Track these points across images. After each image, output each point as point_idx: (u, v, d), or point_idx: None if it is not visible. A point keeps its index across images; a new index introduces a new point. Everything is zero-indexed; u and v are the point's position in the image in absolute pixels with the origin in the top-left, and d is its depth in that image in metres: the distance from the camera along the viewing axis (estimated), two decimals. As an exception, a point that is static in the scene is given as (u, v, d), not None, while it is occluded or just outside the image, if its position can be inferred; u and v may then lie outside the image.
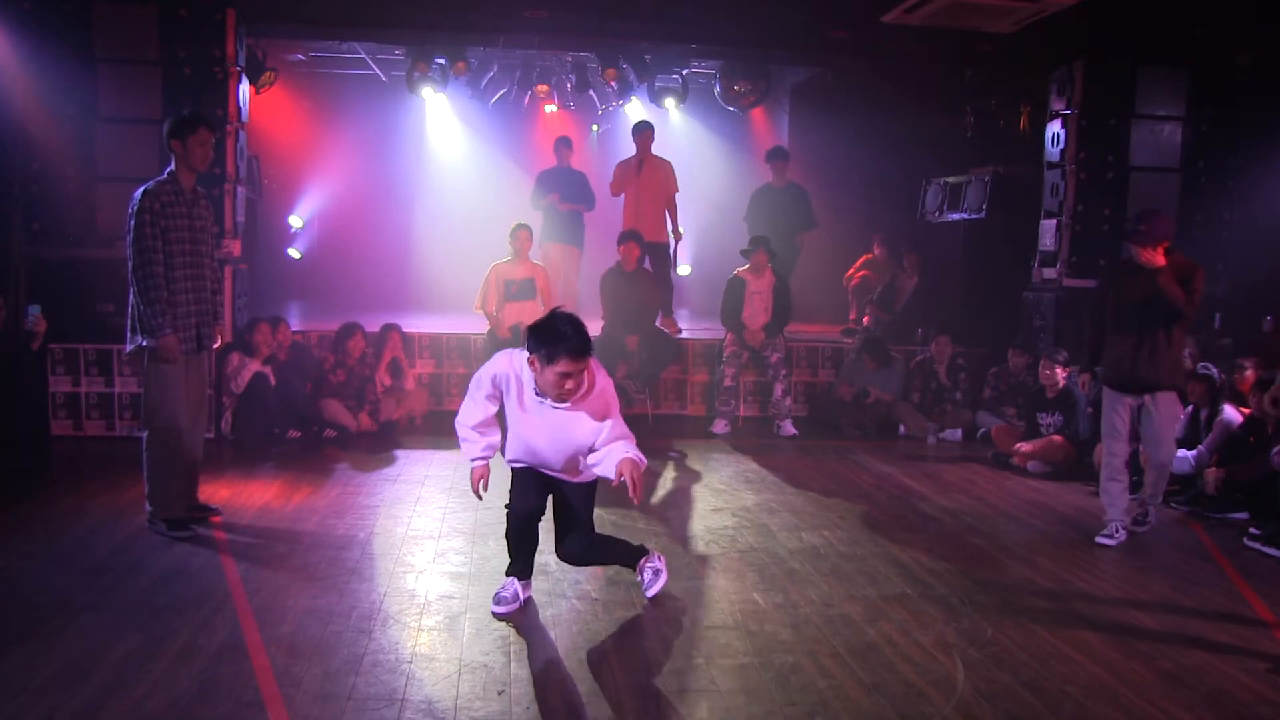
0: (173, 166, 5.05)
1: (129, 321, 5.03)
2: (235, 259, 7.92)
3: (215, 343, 5.38)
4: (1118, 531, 5.46)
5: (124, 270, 4.99)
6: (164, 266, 4.94)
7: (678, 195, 9.57)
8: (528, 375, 3.93)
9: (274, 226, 12.58)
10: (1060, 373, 7.23)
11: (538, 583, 4.50)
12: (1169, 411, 5.48)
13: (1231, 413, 6.34)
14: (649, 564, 4.39)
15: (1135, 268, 5.36)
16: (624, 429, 3.99)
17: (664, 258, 9.60)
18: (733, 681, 3.56)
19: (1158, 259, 5.26)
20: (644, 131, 9.51)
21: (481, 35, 9.53)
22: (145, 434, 5.12)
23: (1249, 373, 6.63)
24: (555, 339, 3.78)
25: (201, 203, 5.18)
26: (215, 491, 5.81)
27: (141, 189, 4.97)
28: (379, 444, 7.41)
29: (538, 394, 3.92)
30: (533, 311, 8.43)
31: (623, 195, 9.56)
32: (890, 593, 4.53)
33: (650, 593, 4.32)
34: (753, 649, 3.84)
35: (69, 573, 4.46)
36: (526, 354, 3.88)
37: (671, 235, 9.60)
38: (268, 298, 10.55)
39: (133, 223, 4.90)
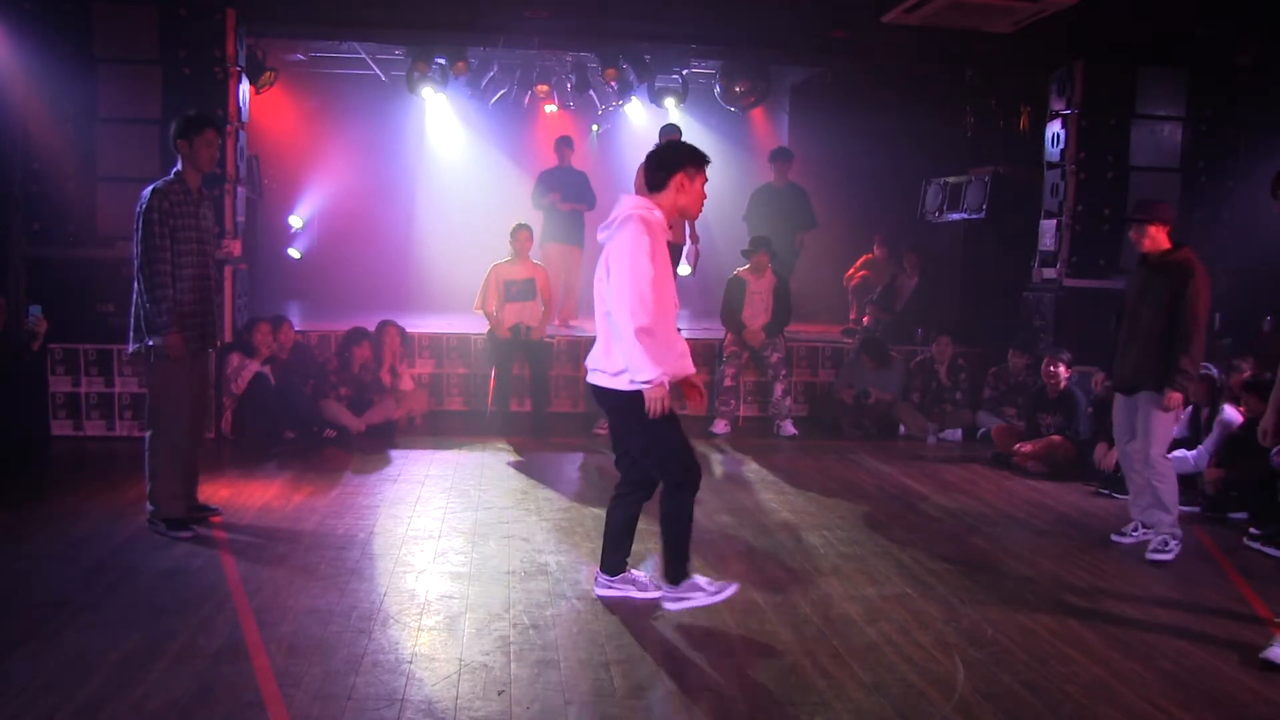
0: (179, 167, 5.06)
1: (132, 321, 5.02)
2: (235, 259, 7.91)
3: (218, 342, 5.38)
4: (1134, 532, 5.45)
5: (125, 270, 5.00)
6: (171, 265, 4.95)
7: None
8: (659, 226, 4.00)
9: (274, 226, 12.57)
10: (1064, 372, 7.23)
11: (537, 583, 4.50)
12: (1155, 417, 5.14)
13: (1231, 413, 6.34)
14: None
15: (1139, 261, 5.30)
16: None
17: (675, 259, 9.56)
18: (732, 681, 3.56)
19: (1160, 241, 5.14)
20: (676, 135, 9.45)
21: (481, 35, 9.53)
22: (149, 433, 5.11)
23: (1247, 373, 6.63)
24: (694, 150, 4.08)
25: (206, 203, 5.19)
26: (215, 491, 5.80)
27: (150, 188, 4.97)
28: (379, 444, 7.41)
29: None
30: (533, 312, 8.45)
31: None
32: (890, 593, 4.53)
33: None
34: (753, 649, 3.85)
35: (69, 573, 4.46)
36: (648, 200, 4.01)
37: (689, 239, 9.59)
38: (268, 298, 10.54)
39: (141, 221, 4.91)
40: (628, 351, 3.88)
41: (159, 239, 4.90)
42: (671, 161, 4.10)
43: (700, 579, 4.21)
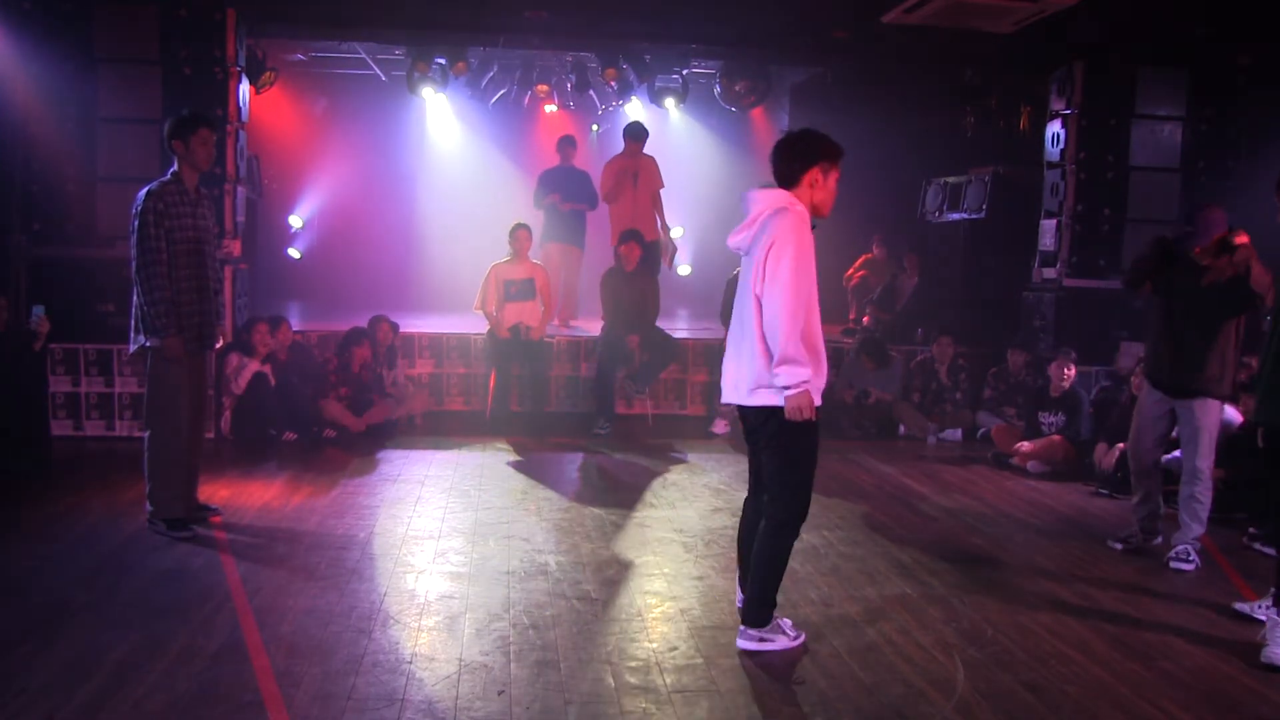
0: (175, 167, 5.05)
1: (132, 322, 5.02)
2: (235, 259, 7.92)
3: (217, 343, 5.38)
4: (1130, 538, 5.40)
5: (125, 270, 4.99)
6: (168, 266, 4.95)
7: (661, 191, 9.53)
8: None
9: (274, 226, 12.59)
10: (1072, 373, 7.25)
11: (537, 583, 4.50)
12: (1205, 422, 5.09)
13: (1231, 413, 6.33)
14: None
15: (1187, 261, 5.15)
16: None
17: (655, 255, 9.53)
18: (733, 681, 3.56)
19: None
20: (642, 137, 9.44)
21: (481, 35, 9.53)
22: (148, 434, 5.11)
23: (1243, 375, 6.62)
24: (829, 141, 3.67)
25: (204, 203, 5.18)
26: (215, 491, 5.81)
27: (145, 189, 4.96)
28: (379, 444, 7.41)
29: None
30: (532, 312, 8.45)
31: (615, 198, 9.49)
32: (890, 593, 4.53)
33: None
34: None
35: (69, 573, 4.46)
36: (789, 195, 3.65)
37: (662, 231, 9.54)
38: (268, 298, 10.55)
39: (136, 223, 4.90)
40: (781, 348, 3.61)
41: (154, 240, 4.89)
42: (806, 154, 3.68)
43: (784, 622, 3.88)
